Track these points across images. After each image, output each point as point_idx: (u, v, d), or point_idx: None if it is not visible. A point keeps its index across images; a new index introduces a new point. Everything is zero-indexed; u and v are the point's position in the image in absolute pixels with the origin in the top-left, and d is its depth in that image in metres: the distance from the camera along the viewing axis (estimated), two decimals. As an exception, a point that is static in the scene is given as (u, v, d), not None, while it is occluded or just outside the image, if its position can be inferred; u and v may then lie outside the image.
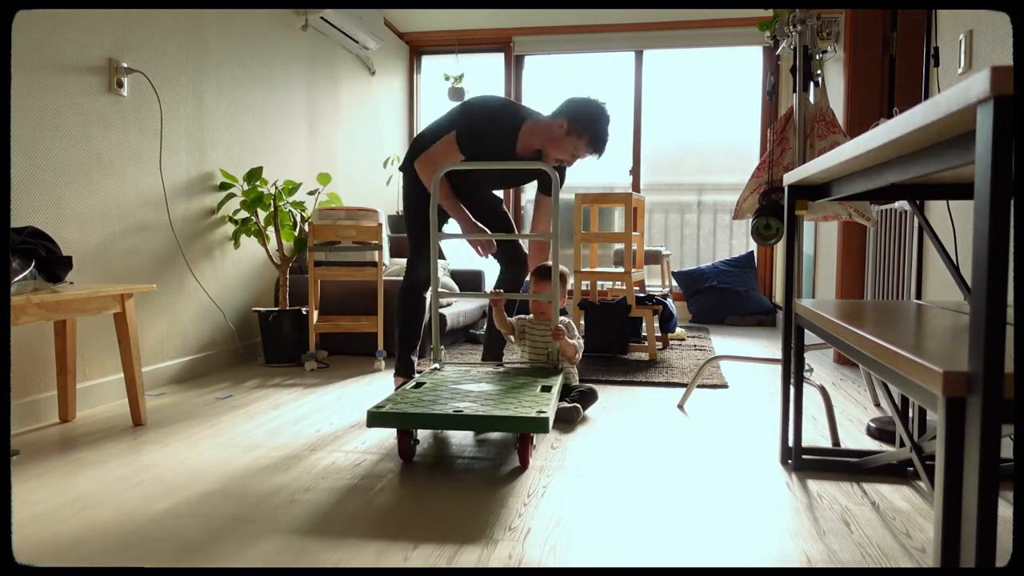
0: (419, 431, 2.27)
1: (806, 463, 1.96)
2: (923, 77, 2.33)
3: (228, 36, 3.47)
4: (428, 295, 2.74)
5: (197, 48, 3.23)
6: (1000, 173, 0.79)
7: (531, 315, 2.70)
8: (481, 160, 2.54)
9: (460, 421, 1.88)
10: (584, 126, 2.50)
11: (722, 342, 4.38)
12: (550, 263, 2.64)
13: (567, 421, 2.42)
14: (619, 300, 3.71)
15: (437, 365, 2.52)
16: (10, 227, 2.16)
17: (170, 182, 3.07)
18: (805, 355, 2.38)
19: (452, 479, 1.87)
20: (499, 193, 2.97)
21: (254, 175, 3.40)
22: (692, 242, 5.79)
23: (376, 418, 1.91)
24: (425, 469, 1.95)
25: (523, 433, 1.92)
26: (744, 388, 3.00)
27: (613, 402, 2.73)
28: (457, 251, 5.80)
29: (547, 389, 2.16)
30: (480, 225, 2.66)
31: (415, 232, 2.72)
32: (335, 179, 4.58)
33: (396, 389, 2.60)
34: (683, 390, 2.87)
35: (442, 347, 2.58)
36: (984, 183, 0.81)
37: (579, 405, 2.46)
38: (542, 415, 1.85)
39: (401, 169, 2.75)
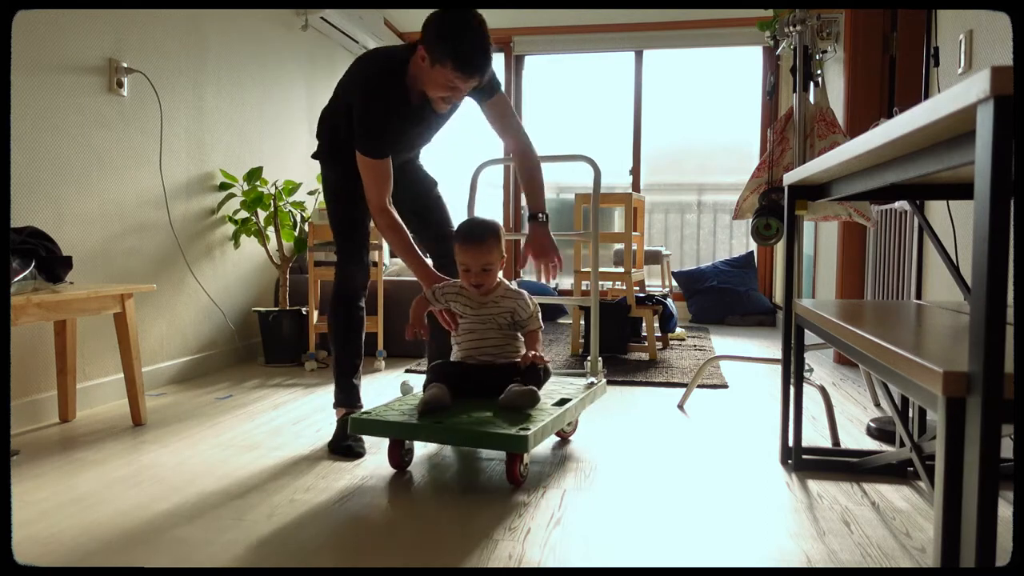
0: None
1: (806, 463, 1.96)
2: (923, 77, 2.33)
3: (228, 36, 3.47)
4: (364, 304, 2.28)
5: (197, 48, 3.23)
6: (1000, 173, 0.79)
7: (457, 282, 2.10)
8: (402, 140, 2.10)
9: (439, 433, 1.77)
10: (442, 51, 1.86)
11: (722, 342, 4.38)
12: (482, 218, 2.11)
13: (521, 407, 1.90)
14: (619, 300, 3.71)
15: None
16: (10, 227, 2.16)
17: (170, 182, 3.07)
18: (805, 355, 2.38)
19: (453, 479, 1.87)
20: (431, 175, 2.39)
21: (254, 175, 3.40)
22: (692, 242, 5.80)
23: (358, 425, 1.84)
24: (426, 469, 1.95)
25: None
26: (744, 388, 3.00)
27: (613, 402, 2.73)
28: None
29: (562, 403, 1.98)
30: (441, 276, 2.13)
31: (343, 229, 2.22)
32: (335, 179, 4.57)
33: (338, 421, 2.19)
34: (683, 390, 2.87)
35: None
36: (984, 183, 0.81)
37: (534, 387, 1.95)
38: (523, 432, 1.68)
39: (314, 157, 2.26)
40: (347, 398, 2.22)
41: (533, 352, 2.03)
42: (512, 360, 2.07)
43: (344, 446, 2.09)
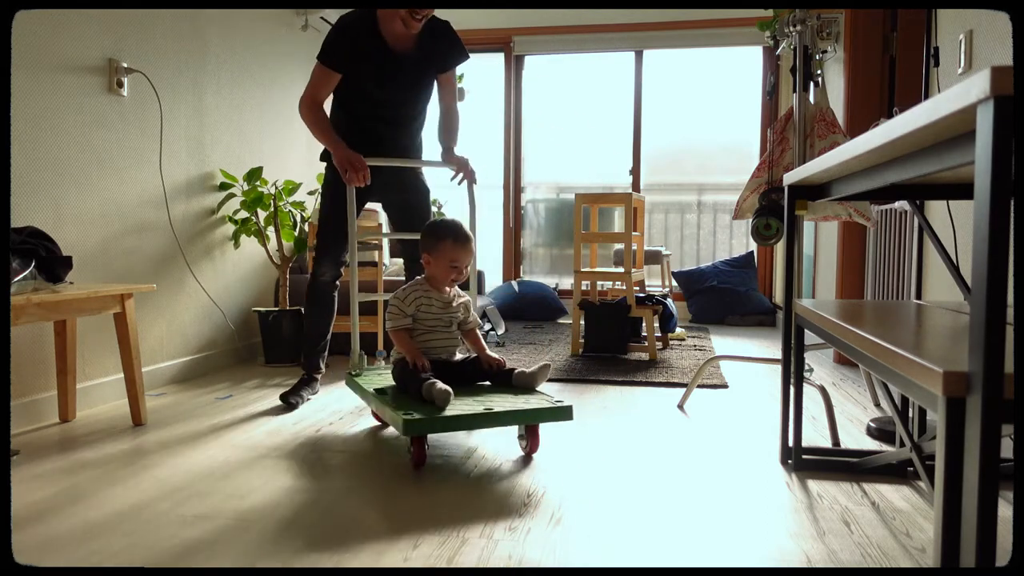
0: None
1: (806, 463, 1.96)
2: (923, 77, 2.33)
3: (228, 36, 3.47)
4: (336, 295, 2.74)
5: (197, 48, 3.23)
6: (1000, 173, 0.79)
7: (422, 280, 2.25)
8: (363, 70, 2.49)
9: (494, 419, 1.91)
10: None
11: (722, 342, 4.38)
12: (453, 219, 2.30)
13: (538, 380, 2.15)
14: (619, 300, 3.71)
15: (356, 372, 2.47)
16: (10, 227, 2.16)
17: (170, 182, 3.07)
18: (805, 355, 2.38)
19: (452, 480, 1.87)
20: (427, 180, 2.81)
21: (254, 175, 3.40)
22: (692, 242, 5.80)
23: (414, 426, 1.85)
24: (425, 470, 1.94)
25: (531, 425, 2.01)
26: (744, 388, 3.00)
27: (613, 402, 2.73)
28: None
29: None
30: (359, 157, 2.48)
31: (329, 226, 2.63)
32: (335, 179, 4.57)
33: (299, 380, 2.73)
34: (683, 390, 2.87)
35: (362, 352, 2.52)
36: (984, 183, 0.81)
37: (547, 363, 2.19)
38: (560, 403, 1.98)
39: (322, 158, 2.68)
40: (311, 365, 2.77)
41: (499, 357, 2.24)
42: (465, 356, 2.29)
43: (289, 402, 2.60)
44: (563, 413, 1.98)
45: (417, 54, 2.56)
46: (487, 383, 2.22)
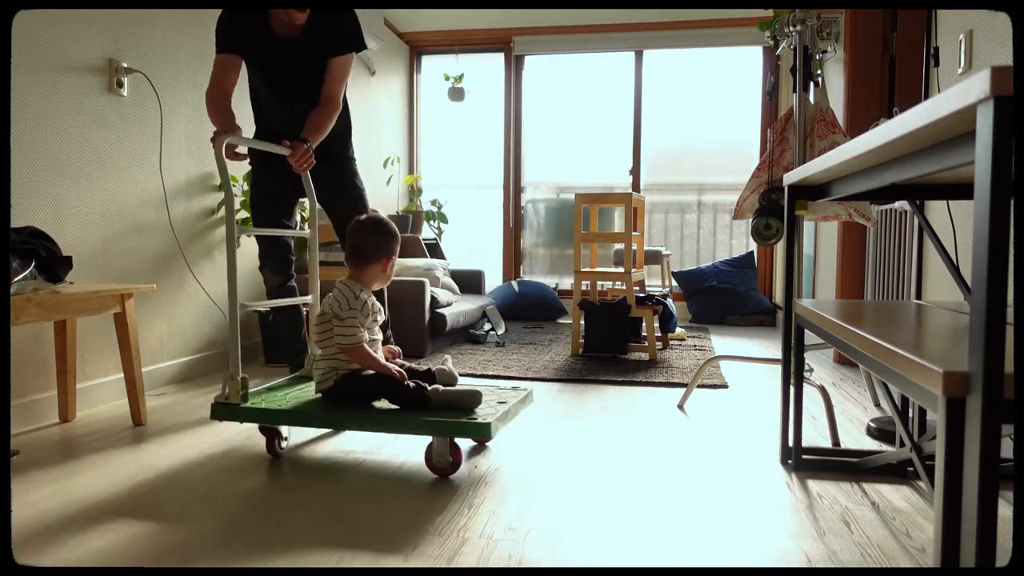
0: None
1: (806, 463, 1.96)
2: (923, 77, 2.33)
3: (228, 36, 3.46)
4: (295, 291, 2.87)
5: (197, 48, 3.23)
6: (1000, 173, 0.79)
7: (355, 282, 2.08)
8: (250, 57, 2.56)
9: (513, 413, 2.04)
10: None
11: (722, 342, 4.38)
12: (377, 215, 2.21)
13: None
14: (619, 300, 3.72)
15: (237, 400, 2.02)
16: (10, 227, 2.16)
17: (170, 182, 3.07)
18: (805, 355, 2.38)
19: (450, 480, 1.87)
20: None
21: (254, 175, 3.40)
22: (692, 242, 5.80)
23: (489, 428, 1.83)
24: (425, 469, 1.94)
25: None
26: (744, 388, 3.00)
27: (613, 402, 2.73)
28: (456, 249, 5.80)
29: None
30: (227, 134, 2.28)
31: (262, 228, 2.69)
32: (335, 179, 4.57)
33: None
34: (683, 390, 2.87)
35: (244, 376, 2.07)
36: (984, 183, 0.81)
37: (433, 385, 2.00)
38: (518, 389, 2.20)
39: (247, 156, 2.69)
40: (293, 366, 2.91)
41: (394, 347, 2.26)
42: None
43: None
44: (529, 397, 2.21)
45: (301, 41, 2.55)
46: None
